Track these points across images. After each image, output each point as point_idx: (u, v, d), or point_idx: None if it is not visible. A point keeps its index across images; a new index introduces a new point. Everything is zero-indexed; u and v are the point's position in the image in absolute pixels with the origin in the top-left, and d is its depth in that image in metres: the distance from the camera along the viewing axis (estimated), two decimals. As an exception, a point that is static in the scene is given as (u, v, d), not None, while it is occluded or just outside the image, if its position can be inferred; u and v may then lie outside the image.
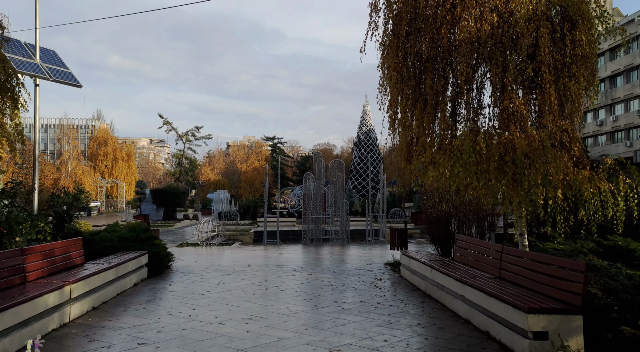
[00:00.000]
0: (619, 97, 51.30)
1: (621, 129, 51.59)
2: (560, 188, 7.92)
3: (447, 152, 8.28)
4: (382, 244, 19.08)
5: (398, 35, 8.96)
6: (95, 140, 75.33)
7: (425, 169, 8.90)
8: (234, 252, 15.76)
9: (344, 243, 19.46)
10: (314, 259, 14.20)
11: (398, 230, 12.48)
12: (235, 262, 13.20)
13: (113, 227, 11.68)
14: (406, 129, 9.25)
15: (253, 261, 13.37)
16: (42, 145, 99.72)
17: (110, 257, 9.64)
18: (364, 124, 68.50)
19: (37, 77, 10.00)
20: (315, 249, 17.04)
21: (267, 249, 16.94)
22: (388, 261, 12.65)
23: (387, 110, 9.56)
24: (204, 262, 13.14)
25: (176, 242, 19.70)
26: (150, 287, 9.49)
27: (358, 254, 15.53)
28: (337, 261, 13.54)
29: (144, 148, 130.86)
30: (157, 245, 11.50)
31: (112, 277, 8.48)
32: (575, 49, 8.43)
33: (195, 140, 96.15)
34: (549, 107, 8.30)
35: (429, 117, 8.63)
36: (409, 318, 6.97)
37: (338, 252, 16.15)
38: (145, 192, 33.66)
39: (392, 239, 12.57)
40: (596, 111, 54.72)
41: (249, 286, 9.53)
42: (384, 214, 21.35)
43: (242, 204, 37.31)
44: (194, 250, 16.48)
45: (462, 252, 8.71)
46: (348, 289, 9.12)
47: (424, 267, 8.82)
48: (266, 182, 20.71)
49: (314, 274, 10.97)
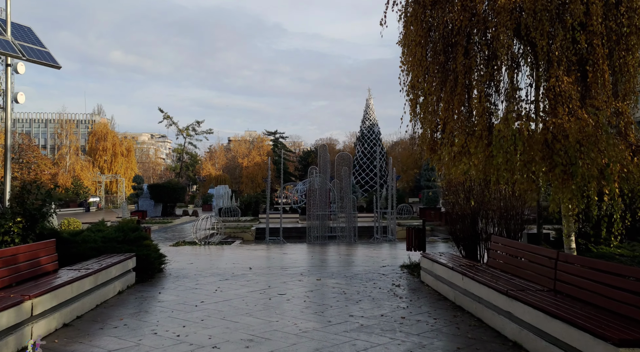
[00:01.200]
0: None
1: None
2: (617, 181, 6.68)
3: (482, 139, 7.03)
4: (391, 243, 17.86)
5: (423, 4, 7.69)
6: (94, 135, 73.98)
7: (454, 160, 7.66)
8: (234, 252, 14.56)
9: (351, 241, 18.25)
10: (321, 260, 12.99)
11: (415, 229, 11.25)
12: (235, 264, 11.99)
13: (98, 226, 10.46)
14: (431, 114, 8.01)
15: (254, 263, 12.16)
16: (42, 141, 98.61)
17: (91, 262, 8.43)
18: (367, 118, 67.14)
19: (7, 56, 8.77)
20: (321, 249, 15.83)
21: (270, 249, 15.74)
22: (404, 263, 11.43)
23: (408, 93, 8.31)
24: (201, 264, 11.93)
25: (173, 240, 18.51)
26: (137, 295, 8.28)
27: (368, 254, 14.32)
28: (347, 263, 12.32)
29: (145, 143, 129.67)
30: (148, 246, 10.30)
31: (90, 286, 7.27)
32: (632, 17, 7.16)
33: (196, 135, 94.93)
34: (601, 85, 7.04)
35: (459, 99, 7.38)
36: (443, 340, 5.74)
37: (346, 251, 14.94)
38: (143, 188, 32.42)
39: (409, 238, 11.35)
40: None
41: (250, 294, 8.31)
42: (394, 211, 20.11)
43: (243, 200, 36.12)
44: (191, 250, 15.27)
45: (497, 256, 7.47)
46: (364, 299, 7.90)
47: (453, 273, 7.59)
48: (268, 177, 19.51)
49: (323, 279, 9.75)
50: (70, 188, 60.04)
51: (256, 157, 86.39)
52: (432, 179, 28.99)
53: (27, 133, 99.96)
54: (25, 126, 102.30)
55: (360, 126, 67.88)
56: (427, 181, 28.89)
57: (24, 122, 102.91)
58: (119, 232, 10.09)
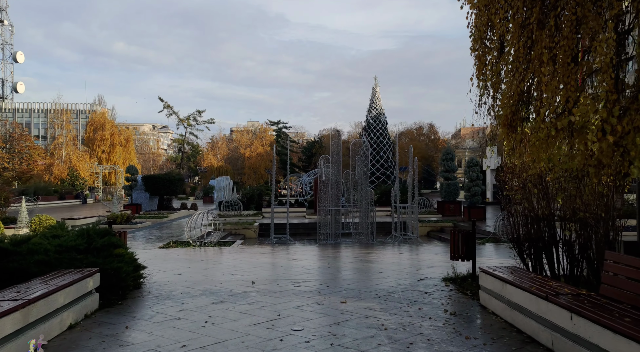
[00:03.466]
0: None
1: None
2: None
3: (612, 110, 4.59)
4: (414, 243, 15.47)
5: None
6: (92, 125, 71.36)
7: (549, 138, 5.23)
8: (234, 257, 12.19)
9: (368, 241, 15.87)
10: (339, 268, 10.61)
11: (462, 233, 8.83)
12: (235, 275, 9.61)
13: (55, 231, 8.07)
14: (513, 73, 5.56)
15: (258, 273, 9.78)
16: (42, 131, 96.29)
17: (34, 283, 6.07)
18: (374, 107, 64.48)
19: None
20: (336, 251, 13.46)
21: (275, 251, 13.38)
22: (447, 275, 9.05)
23: (476, 43, 5.87)
24: (192, 275, 9.56)
25: (164, 239, 16.17)
26: (93, 334, 5.90)
27: (394, 259, 11.94)
28: (372, 272, 9.94)
29: (145, 134, 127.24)
30: (120, 256, 7.91)
31: (14, 327, 4.91)
32: None
33: (197, 125, 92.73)
34: None
35: (566, 48, 4.91)
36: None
37: (366, 255, 12.56)
38: (137, 179, 30.02)
39: (454, 244, 8.93)
40: None
41: (253, 330, 5.93)
42: (415, 205, 17.69)
43: (245, 192, 33.75)
44: (184, 253, 12.91)
45: (619, 283, 5.06)
46: (416, 341, 5.50)
47: (551, 307, 5.19)
48: (273, 167, 17.11)
49: (350, 301, 7.36)
50: (66, 179, 57.81)
51: (259, 148, 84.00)
52: (450, 170, 26.53)
53: (27, 123, 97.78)
54: (25, 116, 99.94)
55: (366, 115, 65.26)
56: (446, 172, 26.45)
57: (23, 112, 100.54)
58: (81, 239, 7.72)
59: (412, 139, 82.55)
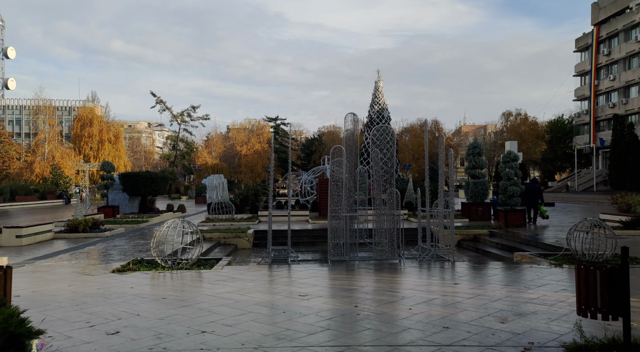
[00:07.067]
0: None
1: None
2: None
3: None
4: (451, 261, 11.65)
5: None
6: (79, 120, 67.23)
7: None
8: (214, 291, 8.28)
9: (395, 257, 12.05)
10: (371, 319, 6.74)
11: (604, 270, 4.95)
12: (207, 333, 5.73)
13: None
14: None
15: (246, 329, 5.90)
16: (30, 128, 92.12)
17: None
18: (376, 102, 60.76)
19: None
20: (356, 276, 9.63)
21: (274, 278, 9.55)
22: (575, 342, 5.21)
23: None
24: (134, 337, 5.68)
25: (129, 255, 12.32)
26: None
27: (448, 292, 8.07)
28: (436, 330, 6.09)
29: (139, 131, 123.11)
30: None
31: None
32: None
33: (192, 121, 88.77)
34: None
35: None
36: None
37: (402, 286, 8.72)
38: (114, 177, 26.08)
39: (585, 287, 5.06)
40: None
41: None
42: (450, 210, 13.84)
43: (239, 192, 29.91)
44: (143, 282, 9.03)
45: None
46: None
47: None
48: (271, 165, 13.32)
49: None
50: (49, 177, 53.87)
51: (256, 145, 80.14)
52: (478, 167, 22.72)
53: (18, 120, 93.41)
54: (15, 113, 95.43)
55: (369, 111, 61.38)
56: (473, 169, 22.64)
57: (14, 109, 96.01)
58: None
59: (415, 135, 78.74)
